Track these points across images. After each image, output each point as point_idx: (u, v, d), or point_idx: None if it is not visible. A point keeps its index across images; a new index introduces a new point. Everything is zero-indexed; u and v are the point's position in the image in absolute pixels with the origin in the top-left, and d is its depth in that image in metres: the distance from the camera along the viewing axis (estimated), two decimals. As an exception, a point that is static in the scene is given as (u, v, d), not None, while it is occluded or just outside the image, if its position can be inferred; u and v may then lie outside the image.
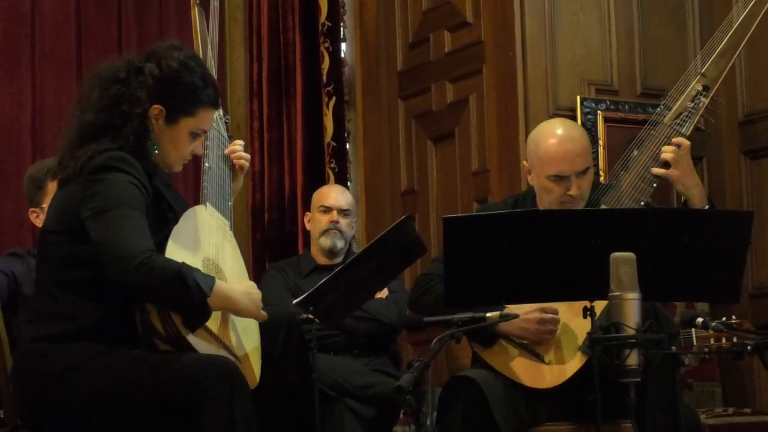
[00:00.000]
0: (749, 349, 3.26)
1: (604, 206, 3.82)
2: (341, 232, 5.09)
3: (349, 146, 6.41)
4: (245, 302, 3.25)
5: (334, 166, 6.25)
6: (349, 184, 6.29)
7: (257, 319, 3.33)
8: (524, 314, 3.64)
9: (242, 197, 6.23)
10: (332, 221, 5.09)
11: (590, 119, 5.51)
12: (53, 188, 3.80)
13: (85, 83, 3.44)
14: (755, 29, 3.99)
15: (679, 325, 3.82)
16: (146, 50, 3.42)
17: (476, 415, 3.60)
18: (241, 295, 3.25)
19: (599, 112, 5.53)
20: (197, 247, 3.29)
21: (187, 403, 3.07)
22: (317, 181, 6.10)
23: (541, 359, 3.70)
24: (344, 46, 6.47)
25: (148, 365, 3.13)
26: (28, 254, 4.18)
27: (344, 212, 5.13)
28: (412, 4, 6.17)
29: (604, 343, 3.13)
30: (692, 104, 3.92)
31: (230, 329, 3.31)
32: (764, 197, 5.56)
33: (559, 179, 3.83)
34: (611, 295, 3.13)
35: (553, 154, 3.84)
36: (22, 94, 5.99)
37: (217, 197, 3.50)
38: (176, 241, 3.21)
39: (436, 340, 3.30)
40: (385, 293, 4.88)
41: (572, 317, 3.67)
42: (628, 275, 3.11)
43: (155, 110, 3.31)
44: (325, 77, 6.29)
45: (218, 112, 3.55)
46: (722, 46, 3.96)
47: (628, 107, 5.61)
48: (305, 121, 6.27)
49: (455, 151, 5.87)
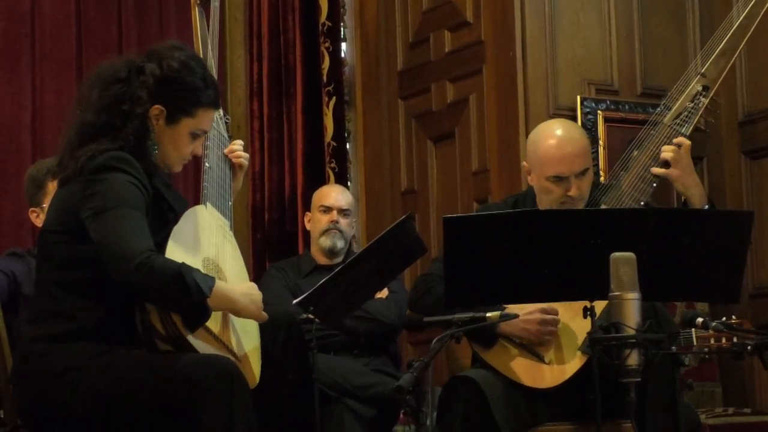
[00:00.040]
0: (749, 349, 3.26)
1: (604, 206, 3.82)
2: (341, 232, 5.09)
3: (349, 146, 6.41)
4: (245, 303, 3.25)
5: (334, 166, 6.25)
6: (349, 184, 6.29)
7: (258, 320, 3.33)
8: (525, 315, 3.64)
9: (242, 197, 6.22)
10: (332, 221, 5.09)
11: (590, 119, 5.51)
12: (53, 188, 3.80)
13: (85, 83, 3.43)
14: (755, 29, 3.99)
15: (679, 325, 3.82)
16: (147, 50, 3.41)
17: (476, 415, 3.59)
18: (241, 295, 3.24)
19: (599, 112, 5.53)
20: (197, 247, 3.28)
21: (187, 403, 3.07)
22: (317, 181, 6.09)
23: (541, 359, 3.70)
24: (344, 46, 6.47)
25: (148, 365, 3.13)
26: (28, 254, 4.18)
27: (344, 212, 5.12)
28: (412, 4, 6.17)
29: (604, 343, 3.13)
30: (692, 104, 3.92)
31: (230, 329, 3.31)
32: (764, 197, 5.56)
33: (558, 180, 3.83)
34: (611, 295, 3.12)
35: (552, 155, 3.83)
36: (22, 94, 5.98)
37: (217, 197, 3.50)
38: (176, 241, 3.21)
39: (436, 340, 3.30)
40: (385, 293, 4.87)
41: (572, 317, 3.67)
42: (628, 275, 3.11)
43: (156, 110, 3.31)
44: (325, 77, 6.28)
45: (218, 112, 3.55)
46: (722, 46, 3.96)
47: (628, 107, 5.61)
48: (305, 120, 6.26)
49: (455, 151, 5.87)
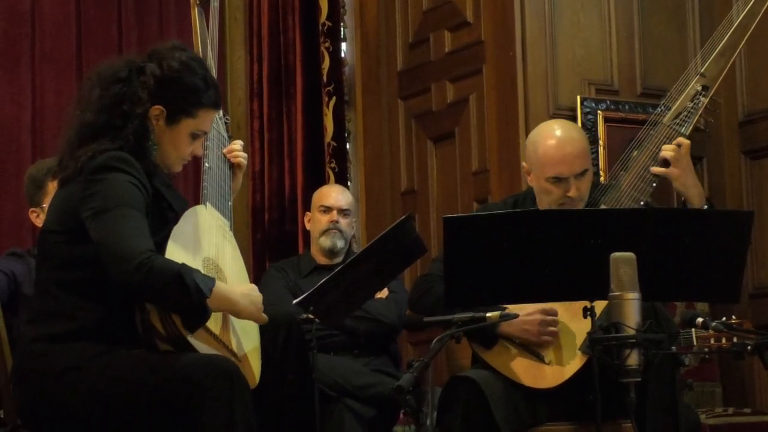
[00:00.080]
0: (749, 349, 3.26)
1: (603, 206, 3.82)
2: (341, 231, 5.09)
3: (349, 146, 6.41)
4: (245, 304, 3.25)
5: (334, 166, 6.25)
6: (349, 184, 6.29)
7: (257, 322, 3.32)
8: (525, 315, 3.64)
9: (242, 197, 6.22)
10: (332, 221, 5.09)
11: (590, 119, 5.50)
12: (53, 188, 3.80)
13: (85, 83, 3.43)
14: (755, 29, 3.99)
15: (679, 325, 3.82)
16: (148, 50, 3.41)
17: (476, 415, 3.59)
18: (241, 296, 3.24)
19: (599, 112, 5.53)
20: (197, 247, 3.28)
21: (187, 403, 3.07)
22: (317, 181, 6.09)
23: (541, 359, 3.70)
24: (344, 46, 6.47)
25: (148, 365, 3.13)
26: (28, 254, 4.18)
27: (344, 212, 5.12)
28: (412, 4, 6.17)
29: (604, 343, 3.13)
30: (691, 104, 3.92)
31: (230, 330, 3.31)
32: (764, 197, 5.56)
33: (557, 181, 3.83)
34: (611, 295, 3.12)
35: (551, 156, 3.83)
36: (22, 94, 5.98)
37: (217, 197, 3.50)
38: (176, 241, 3.21)
39: (436, 340, 3.30)
40: (385, 293, 4.87)
41: (572, 317, 3.67)
42: (628, 275, 3.11)
43: (156, 110, 3.30)
44: (325, 77, 6.28)
45: (218, 112, 3.55)
46: (722, 45, 3.96)
47: (628, 107, 5.60)
48: (305, 121, 6.26)
49: (455, 151, 5.87)
